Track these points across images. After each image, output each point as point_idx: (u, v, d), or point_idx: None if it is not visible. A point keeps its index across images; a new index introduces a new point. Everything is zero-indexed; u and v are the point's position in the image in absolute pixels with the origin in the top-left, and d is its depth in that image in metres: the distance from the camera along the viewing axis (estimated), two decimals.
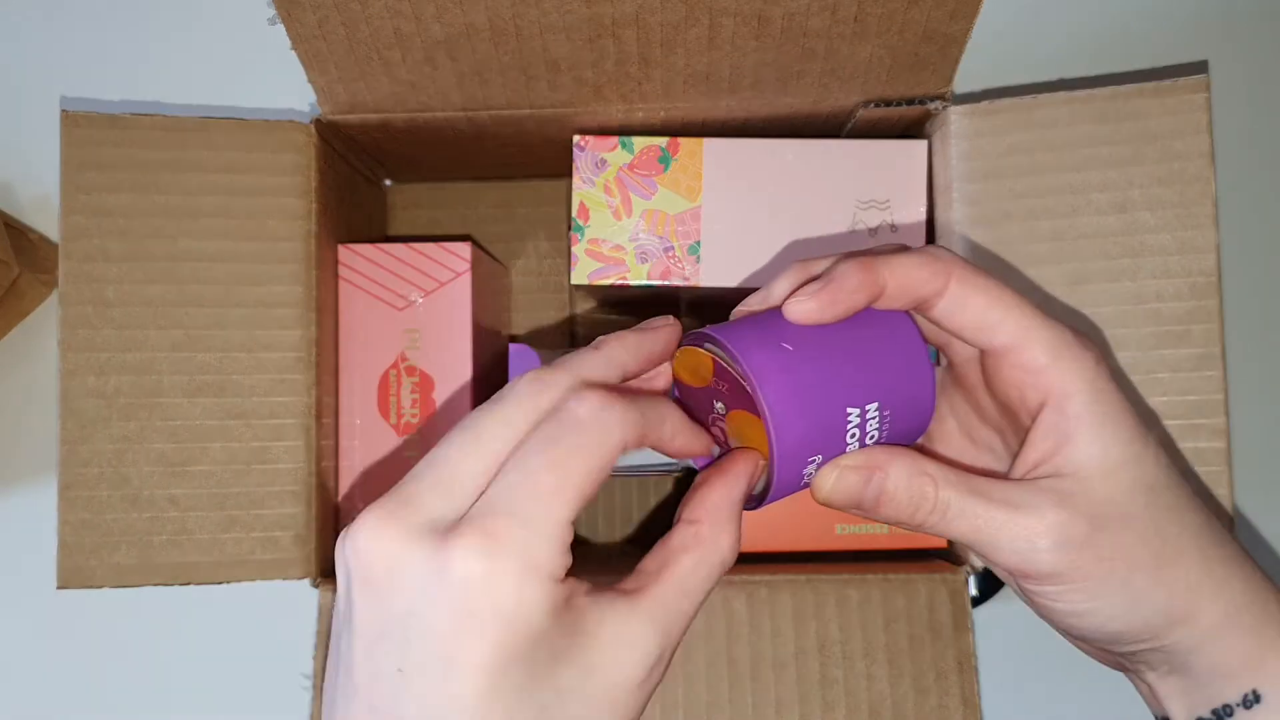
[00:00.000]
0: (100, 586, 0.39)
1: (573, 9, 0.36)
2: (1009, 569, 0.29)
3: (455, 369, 0.43)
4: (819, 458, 0.28)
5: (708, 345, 0.28)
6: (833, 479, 0.29)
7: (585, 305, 0.54)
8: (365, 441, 0.43)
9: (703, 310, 0.53)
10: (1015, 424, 0.30)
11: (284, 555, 0.40)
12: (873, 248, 0.30)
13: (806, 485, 0.29)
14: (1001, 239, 0.39)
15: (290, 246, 0.41)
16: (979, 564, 0.39)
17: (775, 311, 0.29)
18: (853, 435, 0.28)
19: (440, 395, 0.43)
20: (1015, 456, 0.30)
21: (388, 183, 0.55)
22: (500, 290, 0.52)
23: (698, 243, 0.42)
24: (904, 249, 0.29)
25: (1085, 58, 0.52)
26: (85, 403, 0.39)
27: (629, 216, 0.43)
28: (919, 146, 0.42)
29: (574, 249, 0.43)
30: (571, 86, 0.41)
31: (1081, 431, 0.28)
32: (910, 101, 0.42)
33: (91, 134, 0.40)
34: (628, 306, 0.54)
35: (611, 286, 0.43)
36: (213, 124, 0.40)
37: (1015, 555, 0.28)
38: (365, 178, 0.50)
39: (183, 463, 0.40)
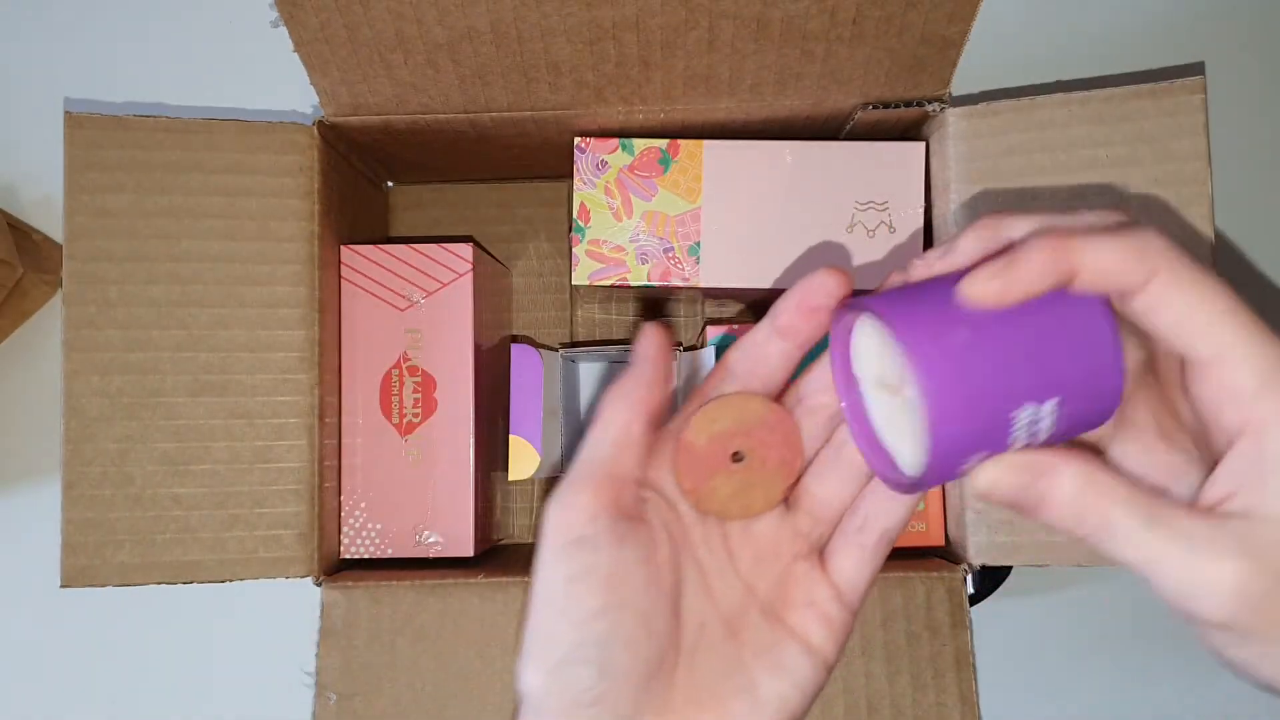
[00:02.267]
0: (104, 585, 0.39)
1: (573, 12, 0.37)
2: (1175, 608, 0.26)
3: (457, 369, 0.44)
4: (983, 453, 0.26)
5: (866, 319, 0.27)
6: (993, 476, 0.27)
7: (586, 305, 0.54)
8: (367, 441, 0.44)
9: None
10: (1211, 439, 0.27)
11: (286, 554, 0.40)
12: (1077, 218, 0.27)
13: (963, 475, 0.27)
14: None
15: (293, 247, 0.41)
16: (976, 562, 0.40)
17: (947, 282, 0.26)
18: (1022, 432, 0.26)
19: (442, 395, 0.44)
20: (1205, 479, 0.27)
21: (390, 184, 0.55)
22: (501, 291, 0.52)
23: (697, 243, 0.43)
24: (1111, 226, 0.26)
25: (1082, 60, 0.53)
26: (89, 402, 0.39)
27: (629, 218, 0.43)
28: (917, 148, 0.43)
29: (575, 250, 0.43)
30: (572, 89, 0.41)
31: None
32: (908, 104, 0.42)
33: (95, 135, 0.40)
34: (628, 306, 0.54)
35: (612, 287, 0.44)
36: (216, 125, 0.41)
37: (1183, 598, 0.26)
38: (367, 179, 0.50)
39: (186, 462, 0.40)
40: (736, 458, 0.30)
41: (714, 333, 0.46)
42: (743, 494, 0.30)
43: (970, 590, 0.41)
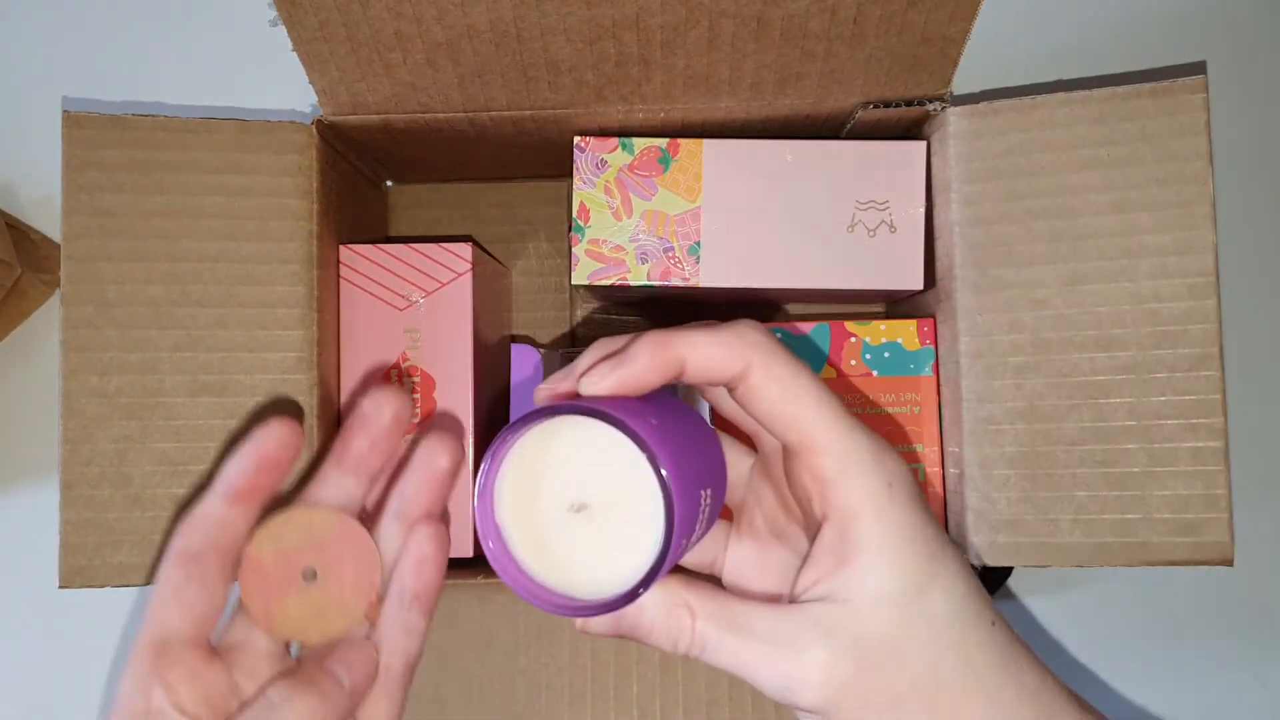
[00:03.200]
0: (102, 586, 0.39)
1: (573, 11, 0.37)
2: (776, 700, 0.27)
3: (456, 369, 0.44)
4: (687, 542, 0.26)
5: (573, 416, 0.26)
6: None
7: (586, 305, 0.54)
8: None
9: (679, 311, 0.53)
10: (810, 526, 0.28)
11: None
12: (684, 326, 0.28)
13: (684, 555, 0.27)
14: (1000, 239, 0.39)
15: (291, 247, 0.41)
16: (977, 563, 0.40)
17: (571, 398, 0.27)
18: (703, 517, 0.27)
19: (441, 395, 0.44)
20: (799, 570, 0.28)
21: (389, 183, 0.55)
22: (501, 291, 0.52)
23: (698, 243, 0.43)
24: (713, 326, 0.27)
25: (1083, 59, 0.53)
26: (87, 402, 0.39)
27: (629, 217, 0.43)
28: (918, 147, 0.42)
29: (574, 249, 0.43)
30: (572, 88, 0.41)
31: (860, 557, 0.26)
32: (909, 103, 0.42)
33: (93, 134, 0.40)
34: (628, 306, 0.54)
35: (612, 287, 0.43)
36: (214, 125, 0.40)
37: (777, 692, 0.26)
38: (366, 178, 0.50)
39: (185, 462, 0.40)
40: (308, 576, 0.29)
41: None
42: (320, 615, 0.29)
43: None
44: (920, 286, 0.43)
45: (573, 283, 0.43)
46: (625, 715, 0.39)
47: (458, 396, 0.44)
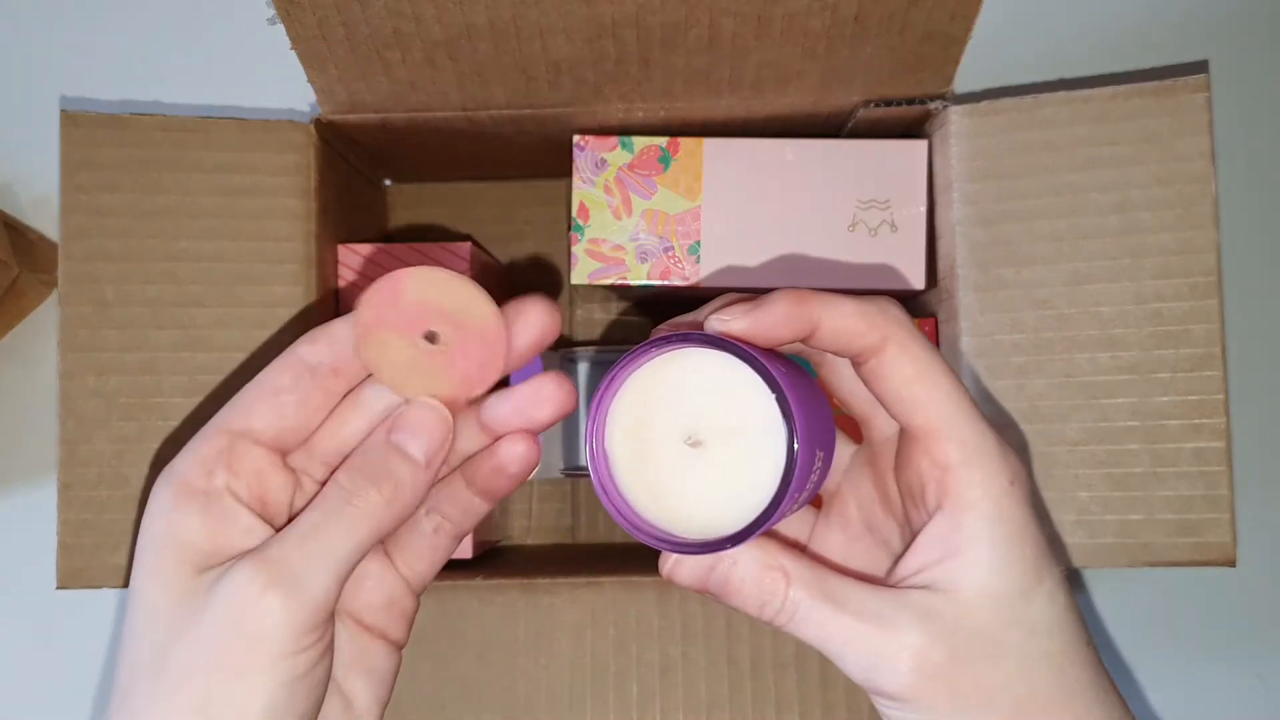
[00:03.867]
0: (100, 587, 0.39)
1: (573, 9, 0.36)
2: (858, 681, 0.26)
3: None
4: (798, 498, 0.26)
5: (700, 347, 0.25)
6: (674, 559, 0.27)
7: (586, 305, 0.54)
8: None
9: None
10: (913, 519, 0.28)
11: None
12: (830, 289, 0.28)
13: (784, 515, 0.26)
14: (1001, 239, 0.39)
15: (290, 246, 0.41)
16: None
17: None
18: (810, 481, 0.26)
19: None
20: (899, 558, 0.27)
21: (388, 183, 0.55)
22: (500, 290, 0.52)
23: (698, 243, 0.42)
24: (853, 296, 0.27)
25: (1085, 58, 0.52)
26: (85, 403, 0.39)
27: (629, 216, 0.43)
28: (919, 146, 0.42)
29: (574, 249, 0.43)
30: (571, 86, 0.41)
31: (970, 550, 0.25)
32: (910, 101, 0.42)
33: (91, 134, 0.40)
34: (628, 306, 0.54)
35: (611, 286, 0.43)
36: (212, 124, 0.40)
37: (865, 671, 0.26)
38: (365, 178, 0.50)
39: None
40: (429, 337, 0.27)
41: None
42: (421, 373, 0.26)
43: None
44: (922, 286, 0.42)
45: (572, 282, 0.43)
46: (625, 717, 0.39)
47: None
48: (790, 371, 0.26)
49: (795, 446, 0.24)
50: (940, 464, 0.26)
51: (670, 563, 0.27)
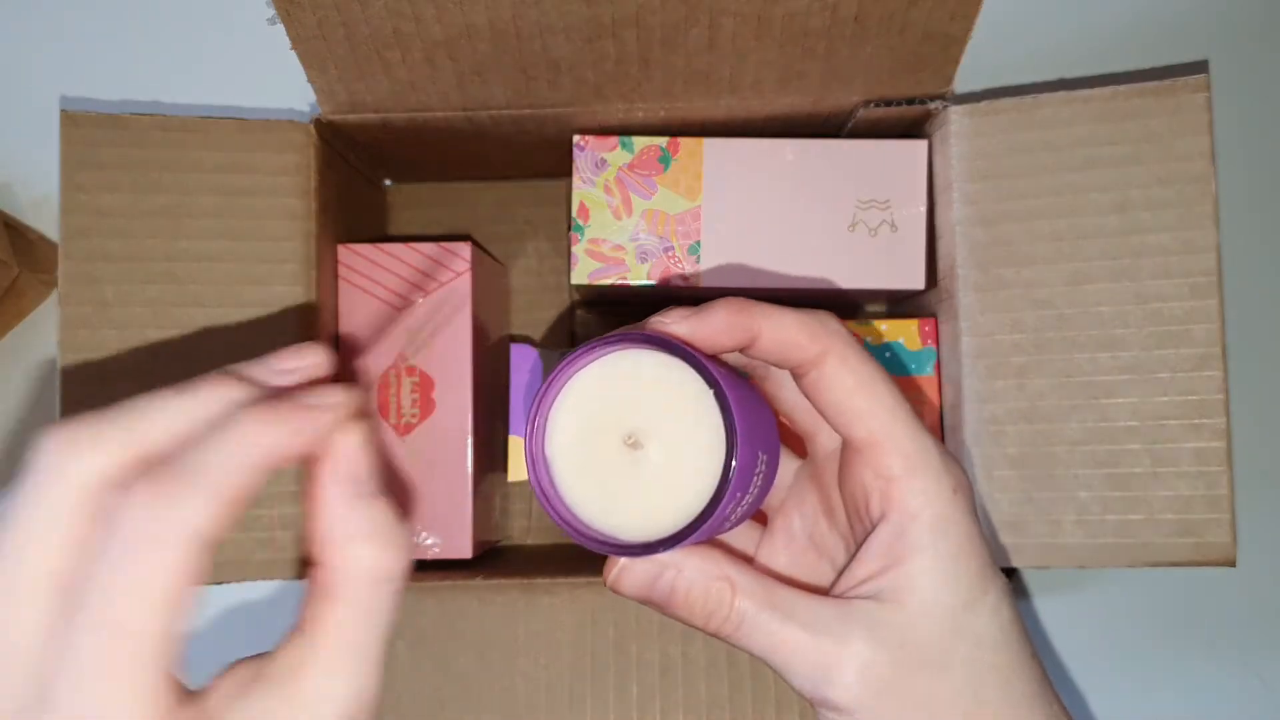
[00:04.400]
0: None
1: (573, 9, 0.36)
2: (803, 695, 0.26)
3: (455, 369, 0.43)
4: (741, 497, 0.25)
5: (640, 348, 0.25)
6: (618, 567, 0.26)
7: (585, 305, 0.54)
8: None
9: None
10: (858, 532, 0.28)
11: (283, 555, 0.40)
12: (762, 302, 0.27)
13: (727, 528, 0.26)
14: (1001, 239, 0.39)
15: (290, 246, 0.41)
16: None
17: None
18: (754, 484, 0.26)
19: (440, 395, 0.43)
20: (843, 570, 0.27)
21: (388, 182, 0.55)
22: (500, 290, 0.52)
23: (698, 243, 0.42)
24: (793, 308, 0.27)
25: (1085, 57, 0.52)
26: (85, 403, 0.39)
27: (629, 216, 0.43)
28: (919, 146, 0.42)
29: (574, 249, 0.43)
30: (571, 86, 0.41)
31: (916, 558, 0.25)
32: (911, 101, 0.42)
33: (91, 134, 0.40)
34: (628, 306, 0.54)
35: (612, 287, 0.43)
36: (212, 124, 0.40)
37: (809, 682, 0.25)
38: (365, 177, 0.50)
39: None
40: None
41: None
42: None
43: None
44: (922, 286, 0.42)
45: (572, 282, 0.43)
46: (625, 717, 0.39)
47: (457, 396, 0.43)
48: (729, 374, 0.26)
49: (735, 444, 0.24)
50: (883, 475, 0.26)
51: (615, 570, 0.27)
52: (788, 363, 0.27)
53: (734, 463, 0.24)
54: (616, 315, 0.54)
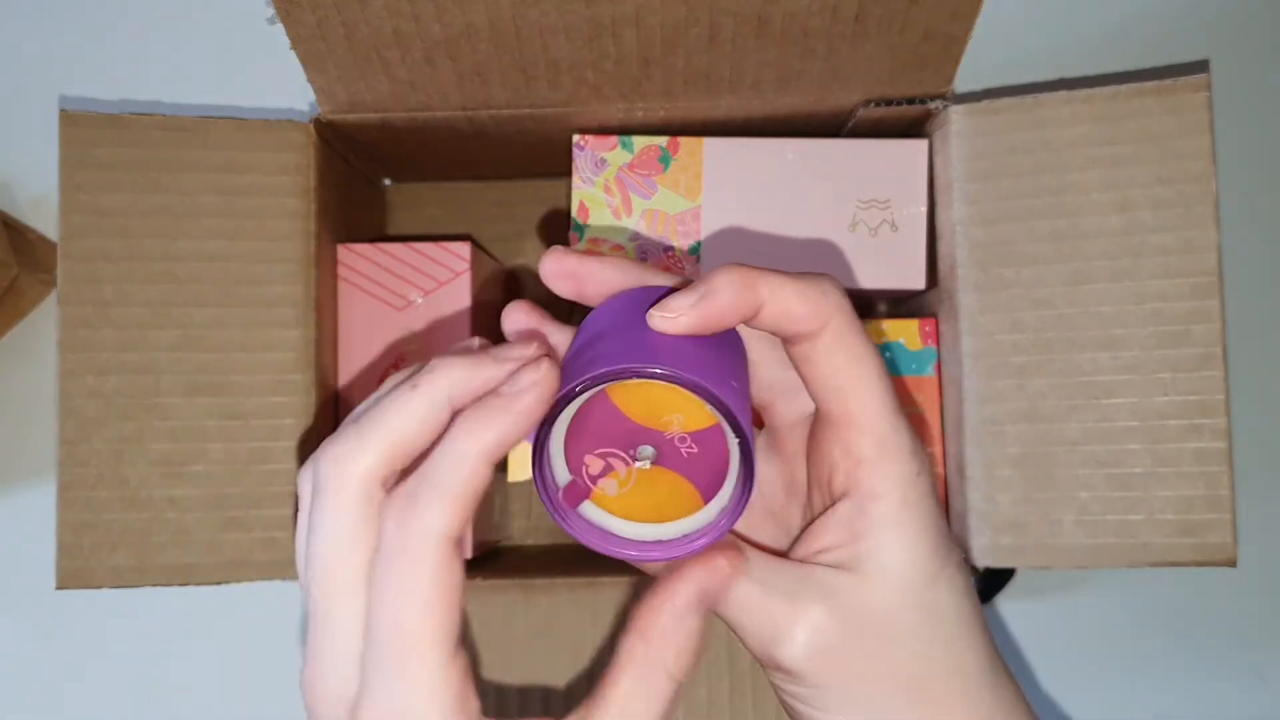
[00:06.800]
0: (99, 587, 0.39)
1: (573, 9, 0.36)
2: (754, 655, 0.26)
3: None
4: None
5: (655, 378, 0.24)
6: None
7: (585, 305, 0.54)
8: None
9: None
10: (818, 504, 0.28)
11: (283, 555, 0.40)
12: (765, 268, 0.27)
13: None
14: (1002, 238, 0.39)
15: (289, 246, 0.41)
16: (980, 564, 0.39)
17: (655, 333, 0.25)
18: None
19: None
20: (798, 538, 0.27)
21: (387, 182, 0.54)
22: (500, 290, 0.52)
23: (698, 243, 0.42)
24: (795, 274, 0.26)
25: (1086, 57, 0.52)
26: (84, 403, 0.39)
27: (629, 216, 0.43)
28: (920, 146, 0.42)
29: (574, 249, 0.43)
30: (571, 86, 0.41)
31: (875, 533, 0.26)
32: (911, 101, 0.42)
33: (90, 133, 0.40)
34: None
35: None
36: (211, 123, 0.40)
37: (759, 642, 0.26)
38: (364, 177, 0.50)
39: (181, 463, 0.39)
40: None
41: None
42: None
43: None
44: (922, 286, 0.42)
45: None
46: None
47: None
48: (740, 380, 0.26)
49: (751, 449, 0.24)
50: (853, 455, 0.26)
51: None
52: (782, 334, 0.26)
53: (753, 472, 0.24)
54: None
